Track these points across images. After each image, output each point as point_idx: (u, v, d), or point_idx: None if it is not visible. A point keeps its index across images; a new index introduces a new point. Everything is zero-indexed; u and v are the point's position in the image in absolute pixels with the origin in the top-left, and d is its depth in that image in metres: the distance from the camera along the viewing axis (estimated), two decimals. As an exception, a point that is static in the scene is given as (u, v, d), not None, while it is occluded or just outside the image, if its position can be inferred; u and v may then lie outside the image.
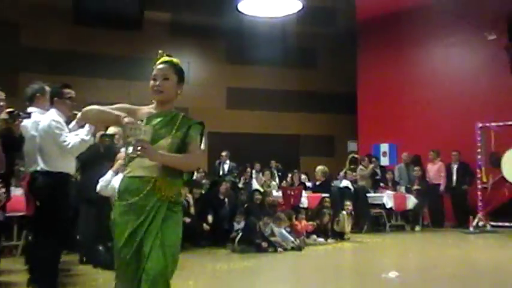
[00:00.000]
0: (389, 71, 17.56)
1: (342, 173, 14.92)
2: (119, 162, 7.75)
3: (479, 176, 14.56)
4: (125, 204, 3.49)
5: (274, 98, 18.11)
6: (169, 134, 3.56)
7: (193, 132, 3.64)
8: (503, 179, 14.02)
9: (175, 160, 3.53)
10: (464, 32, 16.13)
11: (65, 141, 6.04)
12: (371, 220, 14.49)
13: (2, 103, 6.17)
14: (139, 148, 3.32)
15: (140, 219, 3.43)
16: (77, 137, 6.12)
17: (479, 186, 14.50)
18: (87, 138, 6.08)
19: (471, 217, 14.36)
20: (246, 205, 11.82)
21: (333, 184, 14.65)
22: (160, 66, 3.70)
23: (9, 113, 5.75)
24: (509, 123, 13.90)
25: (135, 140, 3.34)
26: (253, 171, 14.64)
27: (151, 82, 3.65)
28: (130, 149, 3.42)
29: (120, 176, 7.71)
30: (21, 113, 5.90)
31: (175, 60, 3.79)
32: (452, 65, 16.63)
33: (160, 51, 3.79)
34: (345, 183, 14.49)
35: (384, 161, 17.34)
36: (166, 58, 3.78)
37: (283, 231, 10.97)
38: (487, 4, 15.48)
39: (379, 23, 17.48)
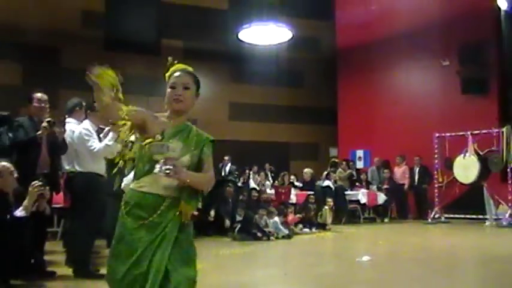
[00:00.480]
0: (364, 90, 17.57)
1: (324, 174, 14.89)
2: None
3: (436, 177, 14.64)
4: (136, 221, 2.77)
5: (268, 111, 18.08)
6: (189, 151, 2.84)
7: (207, 149, 2.95)
8: (455, 179, 14.05)
9: (200, 180, 2.86)
10: (424, 59, 16.17)
11: (91, 146, 6.14)
12: (348, 213, 14.45)
13: (45, 104, 6.28)
14: (168, 167, 2.64)
15: (153, 237, 2.75)
16: (101, 142, 6.16)
17: (436, 185, 14.55)
18: (110, 143, 6.12)
19: (429, 210, 14.42)
20: (244, 201, 11.82)
21: (316, 184, 14.62)
22: (179, 74, 2.99)
23: (48, 121, 5.90)
24: (460, 133, 13.91)
25: (163, 158, 2.68)
26: (251, 173, 14.60)
27: (170, 90, 2.94)
28: (157, 167, 2.68)
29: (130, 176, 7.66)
30: (56, 122, 6.02)
31: (191, 69, 3.10)
32: (414, 85, 16.66)
33: (170, 58, 3.09)
34: (327, 183, 14.45)
35: (359, 164, 17.32)
36: (182, 66, 3.08)
37: (277, 223, 10.95)
38: (441, 36, 15.50)
39: (356, 50, 17.51)
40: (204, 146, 2.93)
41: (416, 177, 15.43)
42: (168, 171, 2.65)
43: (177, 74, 2.99)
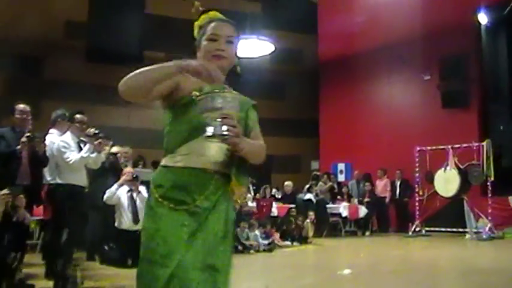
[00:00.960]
0: (346, 103, 17.68)
1: (306, 188, 14.92)
2: (123, 178, 7.74)
3: (417, 190, 14.73)
4: (175, 207, 2.14)
5: (250, 124, 18.10)
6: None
7: (253, 115, 2.47)
8: (436, 192, 14.14)
9: (256, 149, 2.31)
10: (406, 73, 16.33)
11: (67, 157, 6.15)
12: (329, 226, 14.50)
13: (27, 116, 6.29)
14: (227, 129, 2.02)
15: (201, 227, 2.15)
16: (78, 154, 6.16)
17: (417, 199, 14.63)
18: (85, 155, 6.13)
19: (410, 223, 14.49)
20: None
21: (298, 197, 14.64)
22: (222, 24, 2.40)
23: (27, 137, 5.91)
24: (441, 147, 14.01)
25: (219, 115, 2.03)
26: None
27: (208, 44, 2.35)
28: (209, 129, 2.03)
29: (125, 188, 7.75)
30: (36, 135, 6.02)
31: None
32: (396, 99, 16.80)
33: (196, 2, 2.68)
34: (309, 196, 14.48)
35: (341, 178, 17.38)
36: (219, 14, 2.52)
37: (258, 236, 10.94)
38: (423, 50, 15.67)
39: (338, 63, 17.63)
40: (248, 109, 2.44)
41: (398, 190, 15.53)
42: (226, 134, 2.02)
43: (216, 23, 2.41)
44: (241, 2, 17.07)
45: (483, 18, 14.40)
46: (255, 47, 15.01)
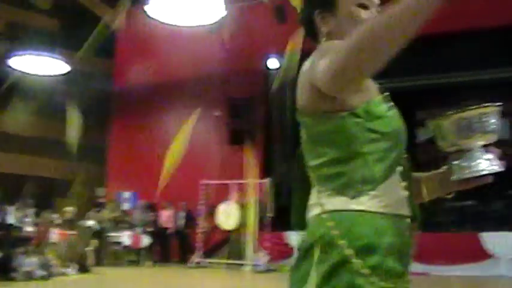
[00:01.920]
0: (137, 132, 17.59)
1: (89, 214, 14.46)
2: None
3: (199, 222, 15.04)
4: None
5: (33, 143, 17.15)
6: None
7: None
8: (218, 225, 14.58)
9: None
10: (198, 107, 16.74)
11: None
12: (111, 255, 14.17)
13: None
14: (496, 163, 1.51)
15: None
16: None
17: (200, 231, 14.93)
18: None
19: (192, 255, 14.72)
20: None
21: (79, 223, 14.13)
22: None
23: None
24: (226, 182, 14.52)
25: (484, 140, 1.51)
26: (11, 208, 13.60)
27: (359, 11, 1.63)
28: (482, 163, 1.50)
29: None
30: None
31: None
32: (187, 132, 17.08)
33: None
34: (91, 223, 14.06)
35: (126, 206, 17.09)
36: None
37: (35, 263, 10.30)
38: (216, 88, 16.30)
39: (133, 91, 17.47)
40: None
41: (181, 221, 15.71)
42: (496, 166, 1.50)
43: None
44: (38, 17, 16.25)
45: (273, 63, 15.40)
46: (49, 65, 14.40)
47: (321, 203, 1.55)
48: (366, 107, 1.52)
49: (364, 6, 1.62)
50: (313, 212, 1.58)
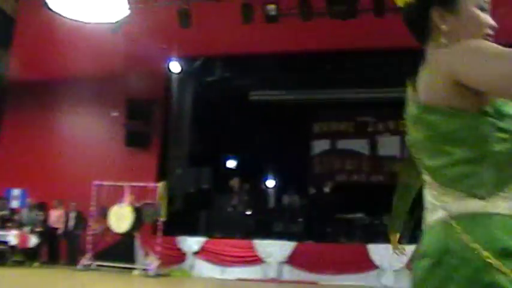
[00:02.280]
0: (30, 128, 17.04)
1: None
2: None
3: (90, 224, 14.85)
4: None
5: None
6: None
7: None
8: (109, 228, 14.44)
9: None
10: (93, 106, 16.55)
11: None
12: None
13: None
14: None
15: None
16: None
17: (90, 232, 14.74)
18: None
19: (81, 257, 14.50)
20: None
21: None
22: None
23: None
24: (119, 183, 14.37)
25: None
26: None
27: (480, 15, 1.63)
28: None
29: None
30: None
31: None
32: (83, 131, 16.81)
33: None
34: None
35: (14, 204, 16.57)
36: None
37: None
38: (114, 87, 16.19)
39: (29, 85, 16.76)
40: None
41: (71, 222, 15.43)
42: None
43: None
44: None
45: (175, 67, 15.46)
46: None
47: (445, 206, 1.55)
48: (496, 105, 1.54)
49: (483, 9, 1.63)
50: (434, 215, 1.58)
